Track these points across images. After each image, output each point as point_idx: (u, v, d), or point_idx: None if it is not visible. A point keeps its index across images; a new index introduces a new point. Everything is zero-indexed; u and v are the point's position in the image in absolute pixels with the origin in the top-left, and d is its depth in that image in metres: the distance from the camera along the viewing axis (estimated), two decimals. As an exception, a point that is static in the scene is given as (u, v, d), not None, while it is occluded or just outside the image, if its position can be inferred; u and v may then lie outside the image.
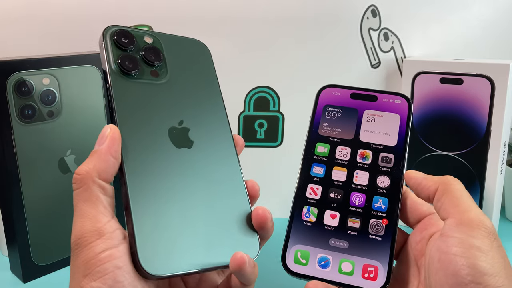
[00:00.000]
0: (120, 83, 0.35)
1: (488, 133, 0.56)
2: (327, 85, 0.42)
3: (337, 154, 0.40)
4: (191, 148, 0.36)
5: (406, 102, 0.41)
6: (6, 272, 0.54)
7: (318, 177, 0.39)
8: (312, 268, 0.36)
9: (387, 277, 0.35)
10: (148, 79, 0.37)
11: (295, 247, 0.36)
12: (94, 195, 0.31)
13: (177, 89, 0.38)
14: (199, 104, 0.39)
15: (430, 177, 0.36)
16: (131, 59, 0.36)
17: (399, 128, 0.40)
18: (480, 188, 0.57)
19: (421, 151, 0.61)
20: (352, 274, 0.35)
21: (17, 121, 0.49)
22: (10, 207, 0.50)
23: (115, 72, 0.35)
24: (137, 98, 0.35)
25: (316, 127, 0.41)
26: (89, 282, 0.29)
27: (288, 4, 0.62)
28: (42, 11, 0.58)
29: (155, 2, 0.60)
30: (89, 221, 0.30)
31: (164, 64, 0.38)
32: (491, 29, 0.66)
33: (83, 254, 0.30)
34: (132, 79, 0.36)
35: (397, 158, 0.39)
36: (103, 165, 0.31)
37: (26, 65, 0.49)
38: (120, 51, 0.36)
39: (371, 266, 0.35)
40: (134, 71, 0.36)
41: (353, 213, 0.38)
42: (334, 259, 0.36)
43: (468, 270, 0.30)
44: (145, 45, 0.37)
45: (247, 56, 0.63)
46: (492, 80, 0.55)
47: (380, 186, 0.38)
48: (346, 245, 0.36)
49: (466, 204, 0.33)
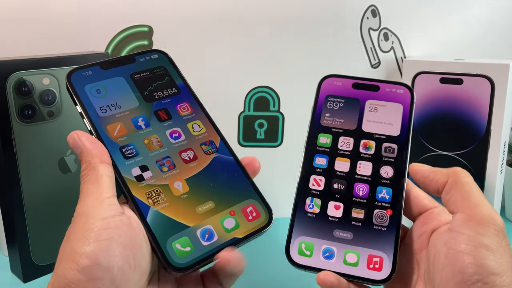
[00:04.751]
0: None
1: (488, 133, 0.56)
2: (329, 75, 0.42)
3: (339, 144, 0.39)
4: None
5: (409, 91, 0.41)
6: (6, 272, 0.54)
7: (321, 168, 0.39)
8: (316, 260, 0.35)
9: (392, 268, 0.35)
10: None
11: (299, 238, 0.36)
12: (99, 176, 0.33)
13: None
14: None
15: (438, 170, 0.36)
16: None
17: (402, 118, 0.40)
18: (480, 188, 0.57)
19: (421, 151, 0.61)
20: (357, 265, 0.35)
21: (17, 121, 0.49)
22: (10, 207, 0.50)
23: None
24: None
25: (318, 117, 0.40)
26: (82, 246, 0.29)
27: (288, 4, 0.62)
28: (42, 11, 0.58)
29: (155, 2, 0.60)
30: (92, 196, 0.32)
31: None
32: (491, 29, 0.66)
33: (81, 221, 0.30)
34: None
35: (400, 148, 0.39)
36: (96, 151, 0.34)
37: (26, 65, 0.49)
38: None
39: (376, 257, 0.35)
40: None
41: (357, 204, 0.37)
42: (339, 250, 0.36)
43: (476, 268, 0.30)
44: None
45: (247, 56, 0.63)
46: (492, 80, 0.55)
47: (384, 176, 0.38)
48: (350, 236, 0.36)
49: (477, 199, 0.33)
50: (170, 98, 0.39)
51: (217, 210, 0.35)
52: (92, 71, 0.39)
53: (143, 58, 0.41)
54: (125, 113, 0.38)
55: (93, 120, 0.36)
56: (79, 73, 0.38)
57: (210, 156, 0.38)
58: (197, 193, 0.36)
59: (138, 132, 0.37)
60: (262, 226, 0.35)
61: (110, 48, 0.61)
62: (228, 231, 0.35)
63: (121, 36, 0.60)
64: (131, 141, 0.37)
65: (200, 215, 0.35)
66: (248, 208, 0.36)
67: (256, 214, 0.36)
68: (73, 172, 0.54)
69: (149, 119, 0.38)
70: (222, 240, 0.34)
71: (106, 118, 0.37)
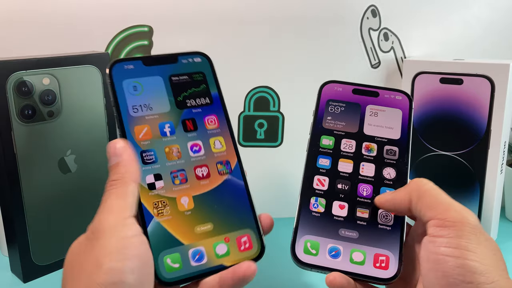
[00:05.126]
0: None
1: (488, 133, 0.56)
2: (329, 81, 0.43)
3: (342, 146, 0.41)
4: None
5: (407, 98, 0.42)
6: (6, 272, 0.54)
7: (324, 168, 0.40)
8: (322, 258, 0.36)
9: (398, 266, 0.35)
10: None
11: (305, 237, 0.37)
12: (128, 192, 0.33)
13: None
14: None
15: (398, 191, 0.36)
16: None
17: (402, 123, 0.41)
18: (480, 188, 0.57)
19: (421, 151, 0.61)
20: (364, 263, 0.35)
21: (17, 121, 0.49)
22: (10, 207, 0.50)
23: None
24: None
25: (320, 121, 0.42)
26: (110, 262, 0.29)
27: (288, 4, 0.62)
28: (42, 11, 0.58)
29: (155, 2, 0.60)
30: (118, 211, 0.32)
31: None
32: (491, 29, 0.66)
33: (107, 236, 0.30)
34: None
35: (402, 151, 0.40)
36: (133, 169, 0.34)
37: (26, 65, 0.49)
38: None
39: (382, 256, 0.36)
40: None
41: (362, 204, 0.38)
42: (345, 249, 0.36)
43: (458, 270, 0.30)
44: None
45: (247, 56, 0.63)
46: (492, 80, 0.55)
47: (387, 177, 0.39)
48: (356, 235, 0.37)
49: (444, 203, 0.33)
50: (201, 108, 0.39)
51: (214, 234, 0.35)
52: (134, 65, 0.38)
53: (185, 59, 0.40)
54: (154, 117, 0.37)
55: (123, 118, 0.36)
56: (121, 65, 0.37)
57: (222, 177, 0.37)
58: (200, 212, 0.36)
59: (161, 139, 0.37)
60: (251, 258, 0.35)
61: (110, 48, 0.61)
62: (218, 257, 0.35)
63: (121, 36, 0.60)
64: (153, 147, 0.36)
65: (196, 235, 0.35)
66: (243, 237, 0.36)
67: (249, 245, 0.35)
68: (73, 172, 0.54)
69: (175, 127, 0.37)
70: (209, 264, 0.34)
71: (136, 118, 0.36)
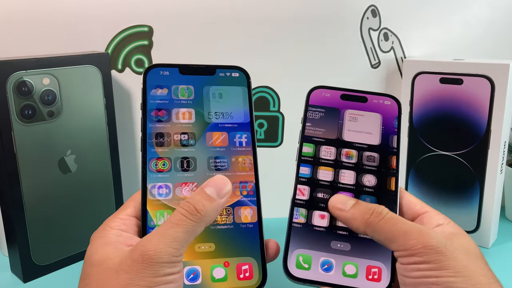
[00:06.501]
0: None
1: (488, 133, 0.56)
2: (317, 86, 0.42)
3: (322, 154, 0.39)
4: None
5: (395, 102, 0.41)
6: (6, 272, 0.54)
7: (305, 177, 0.39)
8: (315, 272, 0.35)
9: (391, 277, 0.35)
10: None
11: (297, 251, 0.36)
12: (193, 229, 0.31)
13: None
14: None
15: (353, 215, 0.35)
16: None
17: (383, 127, 0.40)
18: (480, 188, 0.57)
19: (421, 151, 0.61)
20: (356, 276, 0.35)
21: (17, 121, 0.49)
22: (10, 207, 0.50)
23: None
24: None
25: (303, 127, 0.41)
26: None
27: (288, 4, 0.62)
28: (42, 11, 0.58)
29: (155, 2, 0.60)
30: (168, 240, 0.30)
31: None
32: (491, 29, 0.66)
33: (155, 267, 0.29)
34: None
35: (383, 157, 0.39)
36: (214, 214, 0.33)
37: (26, 65, 0.49)
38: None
39: (375, 267, 0.35)
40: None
41: None
42: (337, 262, 0.36)
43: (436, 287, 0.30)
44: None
45: (247, 56, 0.63)
46: (492, 80, 0.55)
47: (367, 185, 0.38)
48: (348, 247, 0.36)
49: (400, 233, 0.32)
50: (230, 124, 0.38)
51: (214, 255, 0.34)
52: (169, 72, 0.38)
53: (223, 73, 0.39)
54: (180, 126, 0.37)
55: (147, 124, 0.36)
56: (157, 71, 0.37)
57: (236, 197, 0.36)
58: (204, 231, 0.33)
59: (181, 149, 0.36)
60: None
61: (110, 48, 0.61)
62: (214, 280, 0.33)
63: (121, 36, 0.60)
64: (170, 155, 0.36)
65: (196, 253, 0.34)
66: (244, 265, 0.34)
67: (250, 274, 0.34)
68: (73, 172, 0.54)
69: (197, 139, 0.37)
70: (203, 286, 0.33)
71: (159, 124, 0.36)
